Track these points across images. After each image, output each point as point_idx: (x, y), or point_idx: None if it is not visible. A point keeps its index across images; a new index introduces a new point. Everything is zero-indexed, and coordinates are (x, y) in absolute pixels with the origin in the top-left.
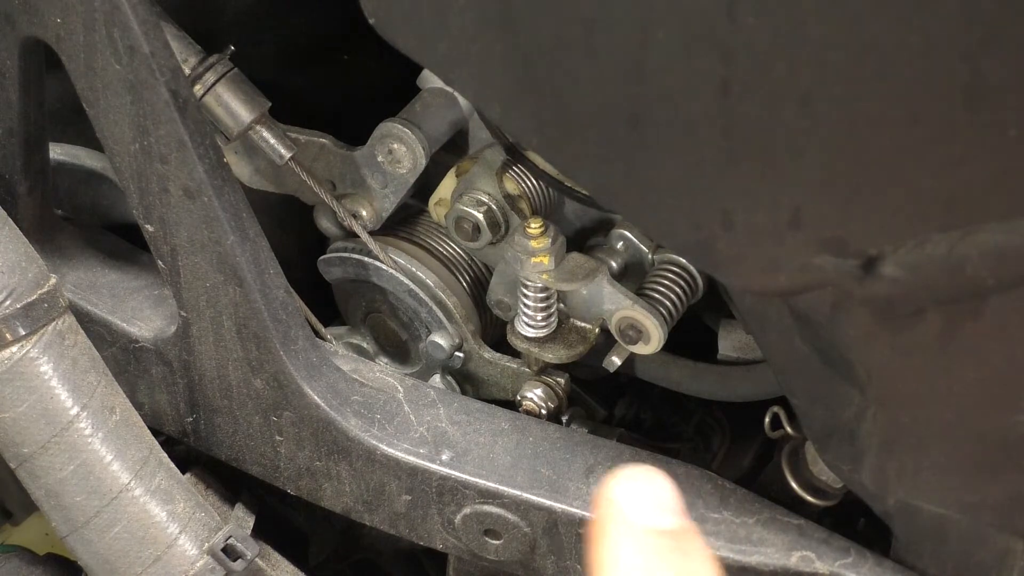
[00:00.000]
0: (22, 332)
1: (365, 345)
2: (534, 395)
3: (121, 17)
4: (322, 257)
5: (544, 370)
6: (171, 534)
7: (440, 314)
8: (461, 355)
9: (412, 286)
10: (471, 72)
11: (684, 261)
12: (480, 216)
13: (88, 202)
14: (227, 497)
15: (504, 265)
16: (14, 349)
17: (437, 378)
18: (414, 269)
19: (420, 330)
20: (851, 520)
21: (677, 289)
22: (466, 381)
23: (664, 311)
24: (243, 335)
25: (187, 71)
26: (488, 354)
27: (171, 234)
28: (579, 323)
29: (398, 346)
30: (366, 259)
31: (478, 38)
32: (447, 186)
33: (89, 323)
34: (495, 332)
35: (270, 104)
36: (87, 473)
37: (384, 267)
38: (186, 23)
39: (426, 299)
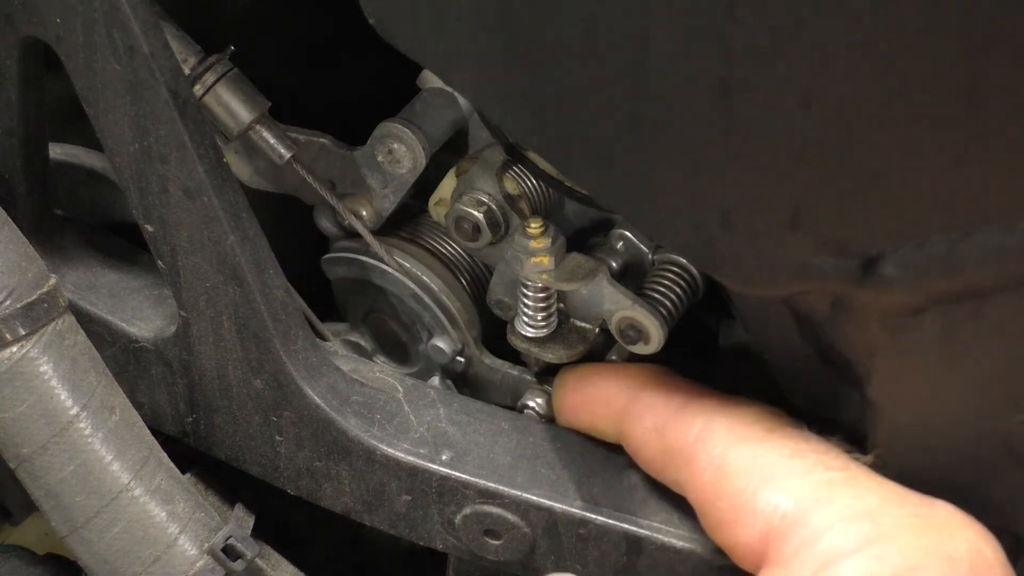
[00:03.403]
0: (22, 332)
1: (364, 343)
2: (536, 403)
3: (121, 17)
4: (326, 256)
5: (545, 373)
6: (171, 534)
7: (443, 319)
8: (462, 360)
9: (417, 290)
10: (471, 72)
11: (684, 261)
12: (480, 216)
13: (88, 202)
14: (227, 497)
15: (504, 265)
16: (14, 349)
17: (436, 379)
18: (419, 273)
19: (421, 332)
20: None
21: (677, 289)
22: (466, 385)
23: (664, 311)
24: (243, 335)
25: (187, 71)
26: (489, 360)
27: (171, 234)
28: (579, 323)
29: (398, 346)
30: (371, 261)
31: (478, 38)
32: (447, 186)
33: (89, 323)
34: (495, 330)
35: (270, 104)
36: (87, 473)
37: (389, 270)
38: (186, 23)
39: (430, 303)
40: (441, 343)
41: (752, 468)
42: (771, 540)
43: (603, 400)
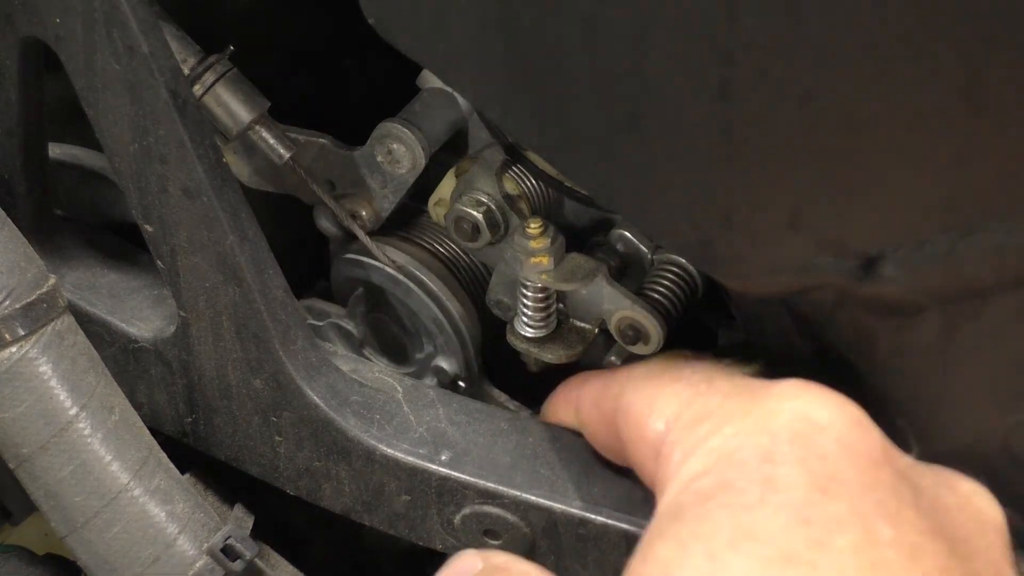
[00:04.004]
0: (21, 332)
1: (352, 330)
2: None
3: (120, 17)
4: (345, 256)
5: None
6: (170, 534)
7: (456, 343)
8: (463, 385)
9: (438, 314)
10: (471, 72)
11: (684, 261)
12: (479, 216)
13: (88, 202)
14: (227, 497)
15: (504, 265)
16: (13, 349)
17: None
18: (443, 297)
19: (424, 343)
20: None
21: (677, 289)
22: None
23: (664, 311)
24: (242, 335)
25: (186, 71)
26: (488, 388)
27: (170, 234)
28: (579, 323)
29: (396, 347)
30: (400, 276)
31: (478, 38)
32: (447, 186)
33: (88, 323)
34: (494, 330)
35: (269, 104)
36: (86, 473)
37: (415, 288)
38: (186, 23)
39: (448, 328)
40: (444, 364)
41: (646, 402)
42: (659, 466)
43: (564, 395)
